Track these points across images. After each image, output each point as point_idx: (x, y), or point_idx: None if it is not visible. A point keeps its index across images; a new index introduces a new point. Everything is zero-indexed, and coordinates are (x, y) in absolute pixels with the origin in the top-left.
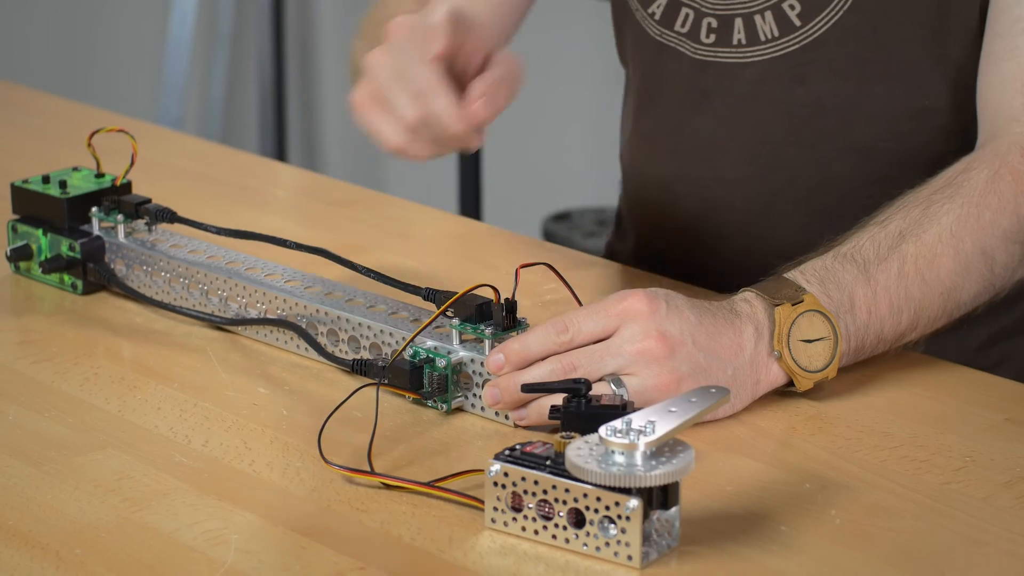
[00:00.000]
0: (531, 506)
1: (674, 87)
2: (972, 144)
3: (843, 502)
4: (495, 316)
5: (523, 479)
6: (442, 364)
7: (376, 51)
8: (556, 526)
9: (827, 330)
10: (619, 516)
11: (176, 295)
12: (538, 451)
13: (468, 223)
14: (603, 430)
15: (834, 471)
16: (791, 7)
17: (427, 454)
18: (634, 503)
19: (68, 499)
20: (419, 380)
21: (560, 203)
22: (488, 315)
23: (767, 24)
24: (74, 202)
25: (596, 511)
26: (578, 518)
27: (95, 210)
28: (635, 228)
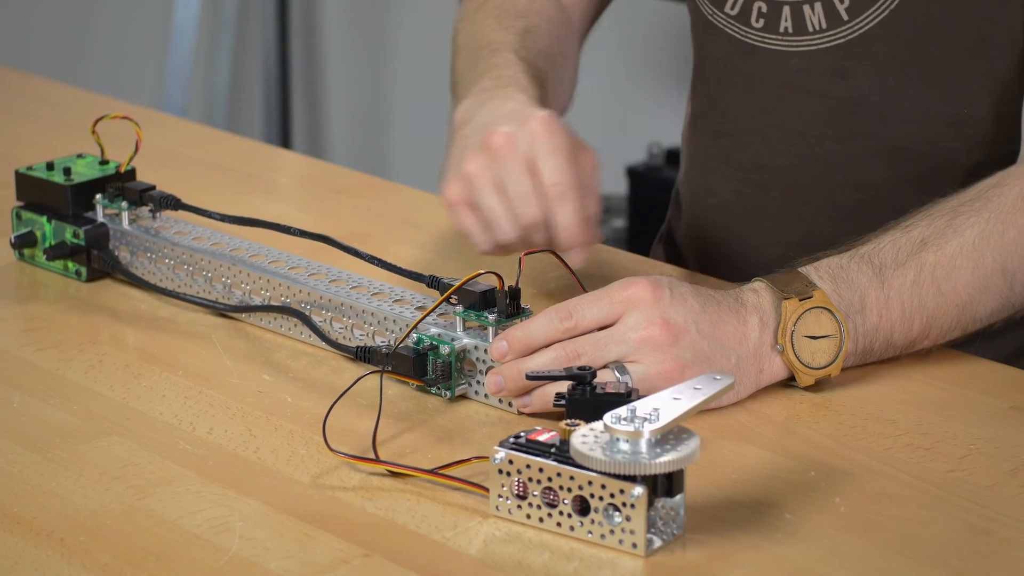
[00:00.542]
0: (536, 493)
1: (722, 69)
2: (1010, 157)
3: (848, 490)
4: (499, 303)
5: (528, 466)
6: (446, 351)
7: (474, 159)
8: (561, 514)
9: (834, 328)
10: (624, 504)
11: (180, 282)
12: (543, 438)
13: None
14: (608, 418)
15: (839, 459)
16: (840, 0)
17: (431, 441)
18: (639, 491)
19: (73, 486)
20: (423, 367)
21: None
22: (492, 302)
23: (816, 15)
24: (78, 189)
25: (601, 499)
26: (583, 506)
27: (99, 197)
28: (685, 204)
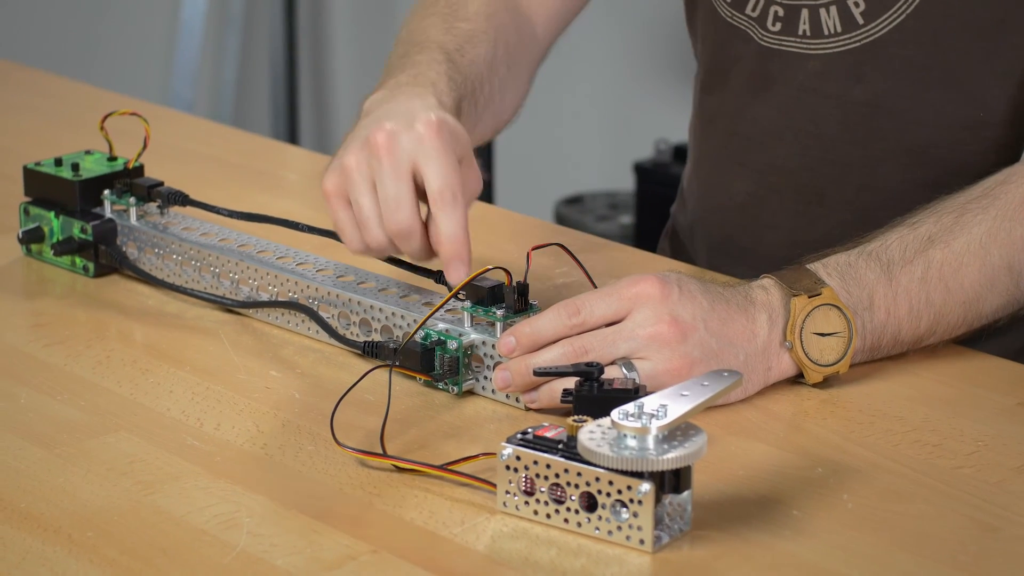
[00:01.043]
0: (543, 490)
1: (739, 70)
2: None
3: (855, 486)
4: (507, 299)
5: (535, 463)
6: (453, 347)
7: (354, 153)
8: (568, 510)
9: (842, 325)
10: (631, 500)
11: (188, 278)
12: (550, 435)
13: (480, 207)
14: (615, 414)
15: (846, 455)
16: (856, 4)
17: (439, 437)
18: (646, 487)
19: (80, 482)
20: (430, 362)
21: (572, 187)
22: (500, 298)
23: (831, 19)
24: (86, 185)
25: (608, 495)
26: (590, 502)
27: (107, 193)
28: (693, 202)
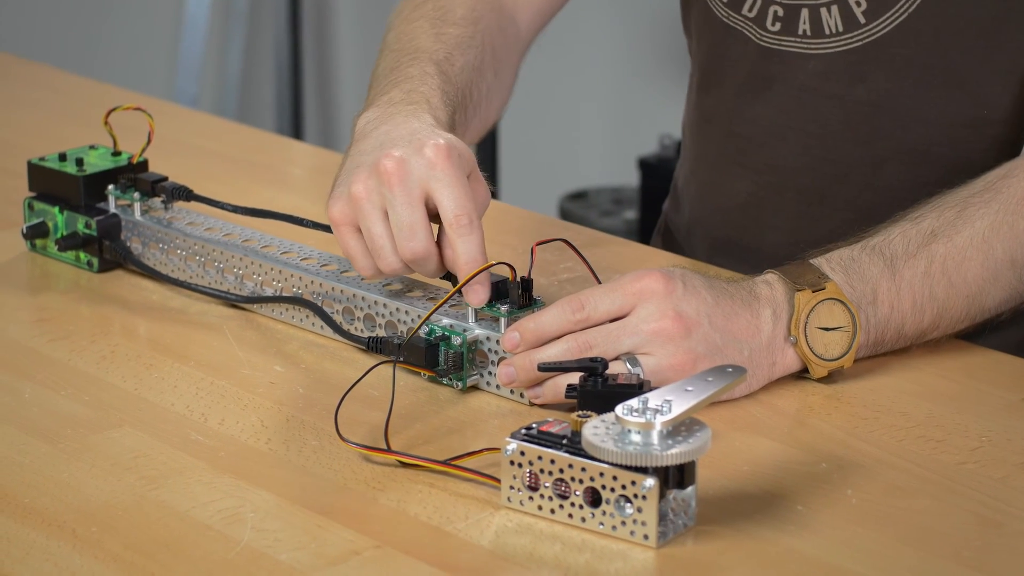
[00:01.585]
0: (547, 485)
1: (737, 70)
2: None
3: (859, 482)
4: (511, 294)
5: (539, 458)
6: (458, 342)
7: (363, 181)
8: (572, 505)
9: (846, 320)
10: (635, 495)
11: (192, 273)
12: (554, 430)
13: None
14: (619, 409)
15: (850, 451)
16: (857, 3)
17: (443, 432)
18: (650, 482)
19: (84, 477)
20: (435, 358)
21: (576, 182)
22: (504, 293)
23: (832, 18)
24: (91, 180)
25: (612, 490)
26: (594, 497)
27: (111, 188)
28: (689, 202)
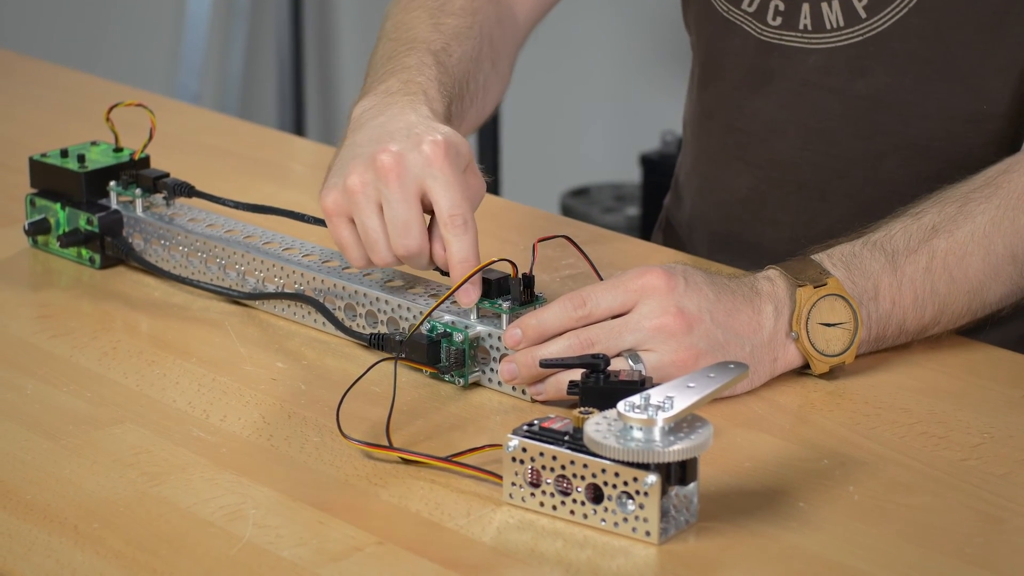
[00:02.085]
0: (549, 481)
1: (737, 65)
2: None
3: (861, 478)
4: (513, 291)
5: (541, 454)
6: (459, 339)
7: (359, 174)
8: (574, 501)
9: (848, 315)
10: (637, 492)
11: (194, 269)
12: (556, 426)
13: (486, 198)
14: (621, 405)
15: (852, 447)
16: None
17: (445, 429)
18: (652, 479)
19: (86, 473)
20: (436, 354)
21: (578, 178)
22: (506, 290)
23: (834, 13)
24: (92, 176)
25: (614, 487)
26: (596, 494)
27: (113, 184)
28: (691, 197)
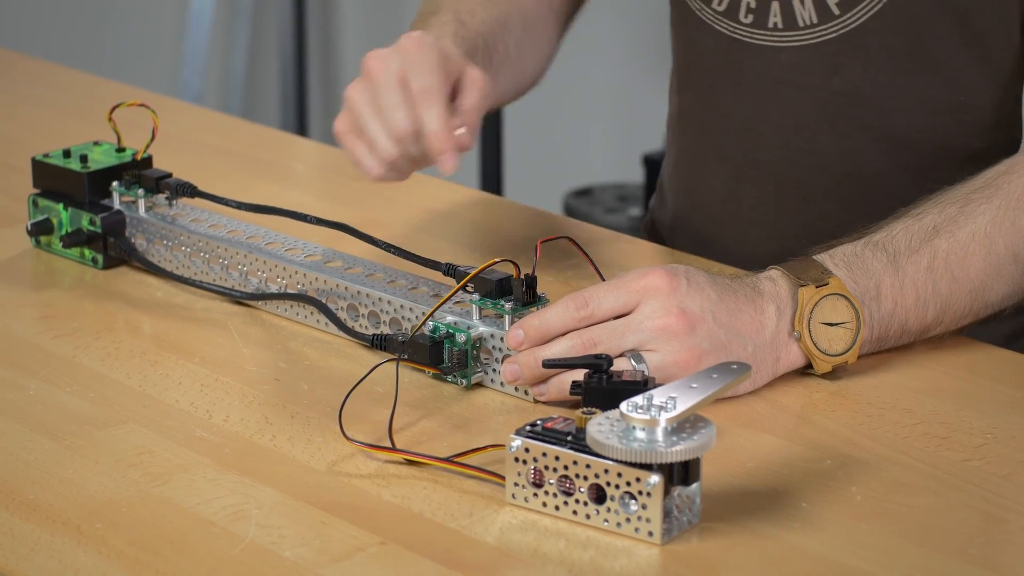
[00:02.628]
0: (552, 482)
1: (711, 65)
2: (1011, 142)
3: (864, 479)
4: (515, 291)
5: (544, 455)
6: (462, 339)
7: (353, 87)
8: (577, 502)
9: (850, 315)
10: (640, 492)
11: (196, 269)
12: (559, 427)
13: (489, 198)
14: (624, 406)
15: (855, 448)
16: None
17: (447, 429)
18: (655, 479)
19: (89, 474)
20: (439, 355)
21: (581, 179)
22: (508, 290)
23: (806, 10)
24: (95, 176)
25: (617, 487)
26: (599, 494)
27: (116, 184)
28: (673, 198)
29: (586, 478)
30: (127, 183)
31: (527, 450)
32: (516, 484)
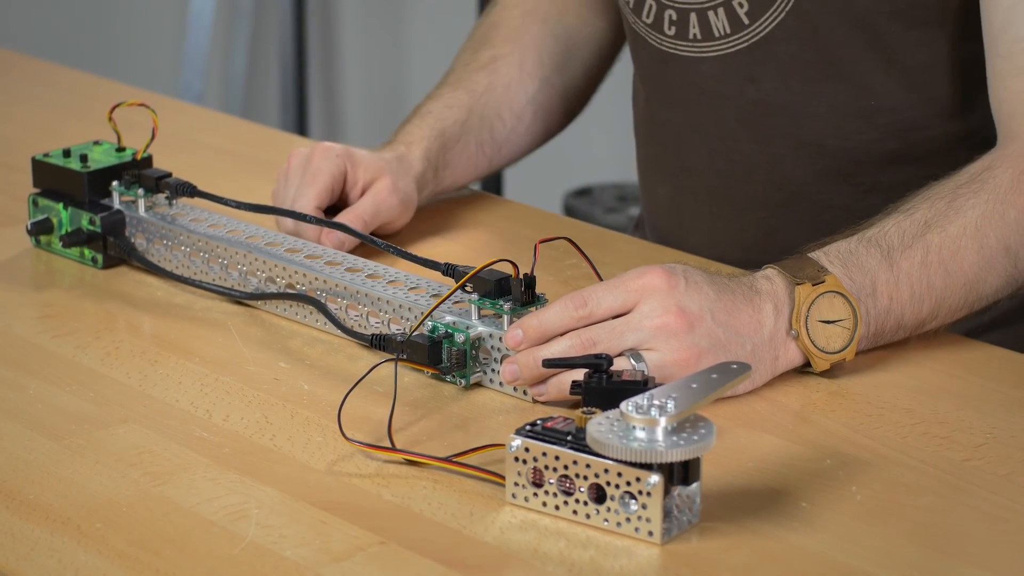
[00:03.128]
0: (552, 481)
1: (647, 76)
2: (935, 141)
3: (864, 479)
4: (514, 291)
5: (544, 454)
6: (461, 339)
7: (283, 169)
8: (577, 501)
9: (847, 312)
10: (640, 492)
11: (196, 269)
12: (559, 426)
13: (489, 198)
14: (624, 405)
15: (855, 447)
16: (740, 5)
17: (447, 429)
18: (655, 479)
19: (89, 473)
20: (438, 355)
21: (581, 178)
22: (507, 290)
23: (720, 20)
24: (95, 176)
25: (617, 487)
26: (599, 494)
27: (116, 184)
28: (642, 207)
29: (586, 478)
30: (127, 183)
31: (527, 450)
32: (516, 484)
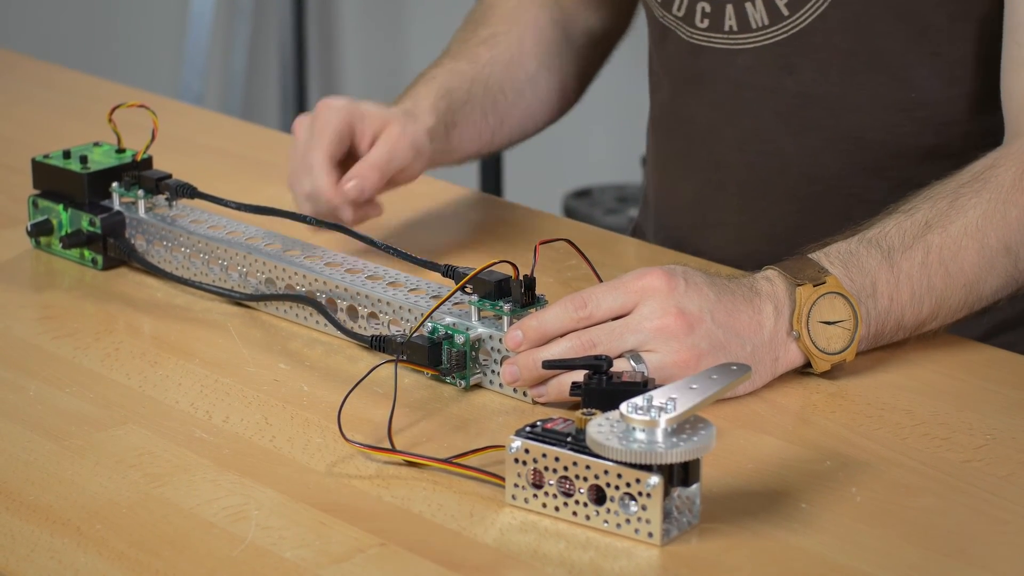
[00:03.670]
0: (552, 483)
1: (674, 70)
2: (970, 137)
3: (864, 480)
4: (514, 293)
5: (544, 456)
6: (461, 340)
7: (292, 144)
8: (577, 503)
9: (847, 313)
10: (640, 493)
11: (196, 270)
12: (559, 427)
13: (489, 199)
14: (624, 407)
15: (855, 449)
16: None
17: (446, 430)
18: (655, 480)
19: (89, 475)
20: (438, 356)
21: (581, 180)
22: (507, 291)
23: (758, 12)
24: (95, 177)
25: (617, 488)
26: (599, 495)
27: (115, 185)
28: (652, 204)
29: (586, 479)
30: (127, 184)
31: (527, 451)
32: (516, 485)
